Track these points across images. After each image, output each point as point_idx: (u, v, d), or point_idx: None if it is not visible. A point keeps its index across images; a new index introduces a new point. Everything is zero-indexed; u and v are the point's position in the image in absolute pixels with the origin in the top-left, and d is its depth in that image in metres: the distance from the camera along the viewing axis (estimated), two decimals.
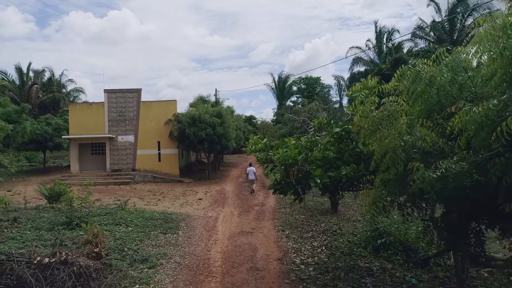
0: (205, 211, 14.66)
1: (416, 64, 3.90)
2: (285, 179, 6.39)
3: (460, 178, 2.63)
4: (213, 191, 19.86)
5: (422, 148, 3.04)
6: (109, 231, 10.73)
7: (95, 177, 22.97)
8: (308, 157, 6.38)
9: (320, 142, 6.83)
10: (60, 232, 10.30)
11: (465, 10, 39.86)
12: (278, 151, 6.37)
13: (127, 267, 7.96)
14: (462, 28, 39.14)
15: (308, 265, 8.19)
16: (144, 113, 24.37)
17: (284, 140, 7.31)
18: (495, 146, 2.38)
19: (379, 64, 42.70)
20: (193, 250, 9.47)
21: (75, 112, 24.45)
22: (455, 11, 39.69)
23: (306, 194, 6.55)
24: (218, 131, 22.46)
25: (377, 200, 3.56)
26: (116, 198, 17.15)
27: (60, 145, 29.29)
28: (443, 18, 40.81)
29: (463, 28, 39.00)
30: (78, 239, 9.58)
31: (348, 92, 6.42)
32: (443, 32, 40.96)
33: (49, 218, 11.92)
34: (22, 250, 8.67)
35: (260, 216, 13.67)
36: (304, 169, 6.33)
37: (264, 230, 11.51)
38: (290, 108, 42.40)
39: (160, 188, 20.56)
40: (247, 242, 10.19)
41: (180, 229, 11.63)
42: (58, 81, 55.76)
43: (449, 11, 40.19)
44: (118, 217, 12.53)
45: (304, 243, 9.97)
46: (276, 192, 6.55)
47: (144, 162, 24.27)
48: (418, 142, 3.03)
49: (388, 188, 3.35)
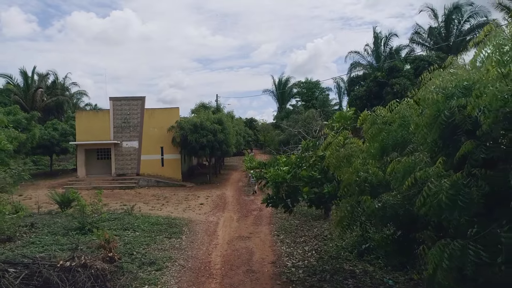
0: (206, 216, 15.64)
1: (375, 109, 4.86)
2: (276, 194, 7.34)
3: (395, 207, 3.56)
4: (214, 195, 20.85)
5: (371, 182, 3.99)
6: (118, 235, 11.68)
7: (101, 181, 24.01)
8: (297, 174, 7.36)
9: (307, 159, 7.80)
10: (74, 237, 11.29)
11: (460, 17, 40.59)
12: (270, 169, 7.33)
13: (137, 269, 8.93)
14: (458, 34, 39.90)
15: (299, 268, 9.15)
16: (147, 120, 25.37)
17: (276, 157, 8.27)
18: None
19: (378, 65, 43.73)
20: (195, 254, 10.44)
21: (82, 119, 25.47)
22: (451, 17, 40.47)
23: (295, 207, 7.50)
24: (219, 137, 23.44)
25: (343, 219, 4.50)
26: (122, 203, 18.14)
27: (66, 149, 30.39)
28: (439, 24, 41.61)
29: (459, 34, 39.78)
30: (91, 244, 10.54)
31: (328, 121, 7.35)
32: (439, 38, 41.66)
33: (63, 223, 12.91)
34: (42, 253, 9.66)
35: (258, 221, 14.63)
36: (293, 185, 7.31)
37: (261, 235, 12.48)
38: (288, 113, 43.33)
39: (163, 193, 21.55)
40: (245, 246, 11.15)
41: (184, 233, 12.61)
42: (62, 84, 56.66)
43: (445, 17, 40.92)
44: (125, 222, 13.51)
45: (296, 247, 10.93)
46: (268, 206, 7.52)
47: (148, 167, 25.28)
48: (369, 178, 3.98)
49: (350, 210, 4.30)
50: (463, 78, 3.23)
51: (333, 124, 6.87)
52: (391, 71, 27.01)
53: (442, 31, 41.83)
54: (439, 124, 3.10)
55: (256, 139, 67.39)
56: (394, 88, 25.03)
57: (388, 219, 3.79)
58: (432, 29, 41.97)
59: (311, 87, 46.54)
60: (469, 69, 3.39)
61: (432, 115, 3.17)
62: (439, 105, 3.14)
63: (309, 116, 22.56)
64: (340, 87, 56.62)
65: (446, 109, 3.07)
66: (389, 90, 25.44)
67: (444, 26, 41.46)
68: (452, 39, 40.55)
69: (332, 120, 6.99)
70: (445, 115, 3.04)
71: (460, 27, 40.66)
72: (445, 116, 3.03)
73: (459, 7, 39.84)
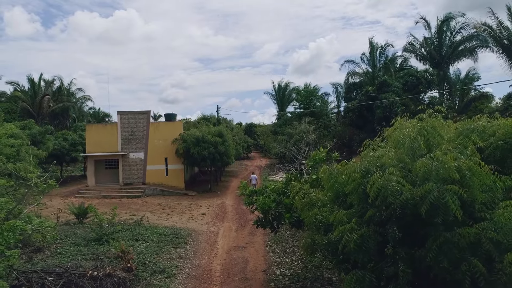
0: (207, 226, 17.41)
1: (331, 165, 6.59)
2: (264, 218, 9.10)
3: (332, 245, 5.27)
4: (214, 205, 22.62)
5: (325, 223, 5.69)
6: (132, 246, 13.42)
7: (110, 190, 25.82)
8: (282, 201, 9.10)
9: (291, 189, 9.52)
10: (94, 247, 13.06)
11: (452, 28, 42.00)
12: (259, 198, 9.09)
13: (150, 277, 10.70)
14: (450, 44, 41.40)
15: (285, 276, 10.90)
16: (153, 132, 27.18)
17: (265, 186, 10.02)
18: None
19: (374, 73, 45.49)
20: (198, 263, 12.21)
21: (92, 132, 27.28)
22: (443, 29, 42.01)
23: (279, 228, 9.26)
24: (220, 149, 25.20)
25: (307, 247, 6.21)
26: (131, 212, 19.92)
27: (75, 159, 32.20)
28: (432, 35, 43.14)
29: (451, 44, 41.28)
30: (109, 254, 12.31)
31: (307, 160, 9.09)
32: (432, 48, 43.13)
33: (82, 234, 14.68)
34: (69, 263, 11.43)
35: (254, 231, 16.36)
36: (278, 211, 9.06)
37: (256, 245, 14.24)
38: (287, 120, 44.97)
39: (168, 202, 23.34)
40: (241, 256, 12.91)
41: (188, 243, 14.37)
42: (67, 89, 58.42)
43: (438, 28, 42.44)
44: (136, 233, 15.27)
45: (285, 257, 12.68)
46: (258, 227, 9.27)
47: (153, 176, 27.08)
48: (323, 220, 5.67)
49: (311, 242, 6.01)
50: (375, 162, 4.97)
51: (309, 163, 8.63)
52: (382, 86, 28.77)
53: (435, 41, 43.27)
54: (358, 193, 4.84)
55: (256, 144, 69.28)
56: (383, 103, 26.79)
57: (330, 252, 5.51)
58: (426, 39, 43.40)
59: (309, 95, 48.26)
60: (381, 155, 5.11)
61: (354, 187, 4.90)
62: (358, 180, 4.87)
63: (303, 130, 24.30)
64: (338, 91, 58.56)
65: (362, 184, 4.81)
66: (379, 104, 27.20)
67: (436, 37, 42.91)
68: (444, 50, 42.04)
69: (309, 159, 8.74)
70: (360, 189, 4.78)
71: (452, 38, 42.07)
72: (360, 189, 4.77)
73: (451, 18, 41.27)
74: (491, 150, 4.92)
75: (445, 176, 3.94)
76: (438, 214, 3.83)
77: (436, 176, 3.96)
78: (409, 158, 4.70)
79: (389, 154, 4.78)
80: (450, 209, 3.71)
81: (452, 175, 3.89)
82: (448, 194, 3.77)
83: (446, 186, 3.86)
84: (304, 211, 6.10)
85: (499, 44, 28.26)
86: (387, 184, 4.21)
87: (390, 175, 4.26)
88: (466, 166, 4.05)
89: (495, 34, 28.34)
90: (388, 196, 4.18)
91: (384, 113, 26.00)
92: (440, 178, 3.96)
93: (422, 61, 42.98)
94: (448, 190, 3.81)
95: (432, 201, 3.82)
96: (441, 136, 5.00)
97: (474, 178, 4.02)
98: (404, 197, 4.05)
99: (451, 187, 3.83)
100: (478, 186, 4.06)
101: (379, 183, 4.29)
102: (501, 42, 27.96)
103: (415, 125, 5.07)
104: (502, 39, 27.81)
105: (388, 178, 4.24)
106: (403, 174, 4.46)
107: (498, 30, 28.19)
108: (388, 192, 4.18)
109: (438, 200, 3.81)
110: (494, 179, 4.35)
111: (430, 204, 3.83)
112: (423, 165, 4.10)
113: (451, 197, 3.75)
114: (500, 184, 4.39)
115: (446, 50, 42.00)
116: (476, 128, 5.30)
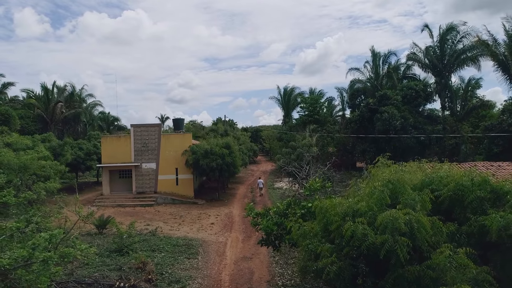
0: (216, 236, 18.89)
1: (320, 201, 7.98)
2: (267, 238, 10.54)
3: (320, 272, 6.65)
4: (222, 214, 24.11)
5: (314, 251, 7.07)
6: (149, 256, 14.97)
7: (124, 199, 27.47)
8: (283, 223, 10.53)
9: (291, 212, 10.95)
10: (116, 258, 14.60)
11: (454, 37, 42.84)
12: (263, 221, 10.53)
13: (167, 286, 12.21)
14: (452, 53, 42.25)
15: (286, 286, 12.33)
16: (164, 144, 28.78)
17: (268, 208, 11.45)
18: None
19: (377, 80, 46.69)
20: (209, 273, 13.68)
21: (107, 144, 28.97)
22: (445, 37, 42.88)
23: (281, 247, 10.70)
24: (227, 161, 26.69)
25: (301, 269, 7.60)
26: (145, 222, 21.49)
27: (90, 167, 33.94)
28: (435, 43, 44.02)
29: (453, 53, 42.14)
30: (130, 264, 13.83)
31: (304, 189, 10.49)
32: (434, 57, 43.99)
33: (103, 245, 16.25)
34: (96, 273, 12.99)
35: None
36: (279, 233, 10.50)
37: (261, 256, 15.68)
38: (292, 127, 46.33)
39: (179, 211, 24.89)
40: (247, 267, 14.37)
41: (199, 254, 15.86)
42: (79, 95, 60.39)
43: (440, 37, 43.35)
44: (152, 243, 16.80)
45: (287, 268, 14.11)
46: (262, 245, 10.72)
47: (164, 186, 28.69)
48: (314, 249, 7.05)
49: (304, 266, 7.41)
50: (352, 207, 6.37)
51: (306, 192, 10.06)
52: (382, 98, 30.00)
53: (437, 50, 44.08)
54: (339, 232, 6.24)
55: (262, 148, 70.74)
56: (383, 115, 28.03)
57: (318, 276, 6.92)
58: (428, 48, 44.22)
59: (313, 103, 49.59)
60: (358, 201, 6.50)
61: (336, 227, 6.30)
62: (339, 222, 6.27)
63: (306, 144, 25.73)
64: (343, 96, 59.76)
65: (341, 226, 6.21)
66: (379, 117, 28.45)
67: (439, 46, 43.73)
68: (446, 58, 42.86)
69: (306, 188, 10.15)
70: (340, 229, 6.18)
71: (454, 47, 42.85)
72: (340, 230, 6.17)
73: (453, 27, 42.09)
74: (443, 199, 6.30)
75: (398, 227, 5.33)
76: (392, 257, 5.22)
77: (391, 228, 5.35)
78: (377, 207, 6.09)
79: (362, 203, 6.19)
80: (399, 256, 5.11)
81: (402, 228, 5.27)
82: (398, 245, 5.16)
83: (397, 237, 5.24)
84: (299, 240, 7.53)
85: (495, 59, 29.30)
86: (357, 230, 5.61)
87: (359, 223, 5.66)
88: (415, 219, 5.43)
89: (491, 49, 29.39)
90: (358, 240, 5.59)
91: (384, 126, 27.26)
92: (394, 228, 5.34)
93: (424, 69, 44.06)
94: (398, 242, 5.19)
95: (388, 248, 5.21)
96: (404, 187, 6.38)
97: (421, 229, 5.39)
98: (368, 242, 5.44)
99: (400, 239, 5.21)
100: (424, 234, 5.43)
101: (351, 230, 5.70)
102: (497, 57, 29.01)
103: (384, 178, 6.48)
104: (498, 55, 28.87)
105: (357, 227, 5.64)
106: (371, 220, 5.85)
107: (493, 45, 29.24)
108: (357, 236, 5.58)
109: (391, 247, 5.20)
110: (440, 225, 5.74)
111: (386, 250, 5.22)
112: (382, 219, 5.49)
113: (400, 247, 5.13)
114: (445, 229, 5.78)
115: (448, 58, 42.76)
116: (434, 179, 6.69)
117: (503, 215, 5.44)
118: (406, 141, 26.99)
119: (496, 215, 5.50)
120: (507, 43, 28.65)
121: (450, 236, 5.85)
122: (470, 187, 6.14)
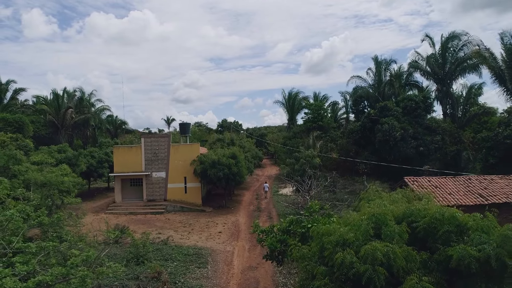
0: (224, 245, 20.15)
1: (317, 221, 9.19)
2: (271, 253, 11.77)
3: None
4: (229, 222, 25.37)
5: (311, 272, 8.26)
6: (163, 266, 16.26)
7: (135, 207, 28.87)
8: (285, 240, 11.74)
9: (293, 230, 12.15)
10: (133, 267, 15.90)
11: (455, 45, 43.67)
12: (268, 238, 11.75)
13: None
14: (453, 61, 43.07)
15: None
16: (173, 154, 30.14)
17: (273, 225, 12.67)
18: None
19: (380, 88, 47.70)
20: (218, 282, 14.94)
21: (118, 154, 30.40)
22: (447, 46, 43.70)
23: (284, 262, 11.92)
24: (233, 170, 27.96)
25: (301, 285, 8.80)
26: (157, 230, 22.81)
27: (102, 174, 35.41)
28: (436, 52, 44.86)
29: (454, 61, 42.96)
30: (146, 273, 15.11)
31: (305, 210, 11.70)
32: (435, 65, 44.83)
33: (120, 254, 17.56)
34: (116, 282, 14.30)
35: (264, 251, 19.03)
36: (282, 249, 11.71)
37: (265, 265, 16.89)
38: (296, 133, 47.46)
39: (188, 219, 26.19)
40: (253, 276, 15.61)
41: (209, 263, 17.12)
42: (88, 100, 62.02)
43: (441, 45, 44.18)
44: (164, 253, 18.10)
45: (290, 278, 15.31)
46: (267, 260, 11.95)
47: (173, 194, 30.05)
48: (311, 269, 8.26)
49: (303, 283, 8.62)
50: (343, 236, 7.56)
51: (306, 213, 11.30)
52: (382, 110, 31.06)
53: (439, 59, 44.86)
54: (331, 258, 7.44)
55: (267, 151, 72.00)
56: (383, 126, 29.10)
57: None
58: (429, 57, 45.00)
59: (317, 109, 50.79)
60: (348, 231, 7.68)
61: (329, 254, 7.50)
62: (331, 249, 7.47)
63: (309, 155, 26.91)
64: (347, 100, 60.73)
65: (334, 252, 7.41)
66: (380, 128, 29.52)
67: (440, 54, 44.52)
68: (448, 66, 43.64)
69: (306, 209, 11.36)
70: (332, 255, 7.38)
71: (456, 55, 43.64)
72: (332, 256, 7.37)
73: (455, 36, 42.87)
74: (419, 230, 7.49)
75: (377, 258, 6.52)
76: (371, 283, 6.43)
77: (371, 259, 6.55)
78: (362, 237, 7.28)
79: (350, 234, 7.40)
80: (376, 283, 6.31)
81: (380, 259, 6.48)
82: (375, 274, 6.36)
83: (376, 267, 6.43)
84: (299, 261, 8.75)
85: (493, 72, 30.22)
86: (345, 259, 6.82)
87: (347, 254, 6.87)
88: (392, 250, 6.62)
89: (488, 63, 30.31)
90: (346, 267, 6.79)
91: (384, 137, 28.33)
92: (374, 259, 6.54)
93: (426, 77, 44.98)
94: (376, 271, 6.38)
95: (368, 276, 6.41)
96: (386, 219, 7.57)
97: (396, 259, 6.58)
98: (354, 270, 6.64)
99: (378, 269, 6.40)
100: (399, 262, 6.61)
101: (341, 258, 6.91)
102: (494, 70, 29.93)
103: (369, 212, 7.69)
104: (495, 68, 29.78)
105: (345, 256, 6.84)
106: (358, 249, 7.05)
107: (490, 60, 30.16)
108: (346, 264, 6.78)
109: (371, 275, 6.39)
110: (414, 254, 6.93)
111: (367, 278, 6.41)
112: (365, 251, 6.69)
113: (377, 276, 6.33)
114: (418, 258, 6.98)
115: (450, 66, 43.53)
116: (414, 211, 7.88)
117: (463, 247, 6.60)
118: (405, 151, 28.05)
119: (458, 247, 6.67)
120: (504, 58, 29.55)
121: (423, 263, 7.01)
122: (441, 221, 7.30)
